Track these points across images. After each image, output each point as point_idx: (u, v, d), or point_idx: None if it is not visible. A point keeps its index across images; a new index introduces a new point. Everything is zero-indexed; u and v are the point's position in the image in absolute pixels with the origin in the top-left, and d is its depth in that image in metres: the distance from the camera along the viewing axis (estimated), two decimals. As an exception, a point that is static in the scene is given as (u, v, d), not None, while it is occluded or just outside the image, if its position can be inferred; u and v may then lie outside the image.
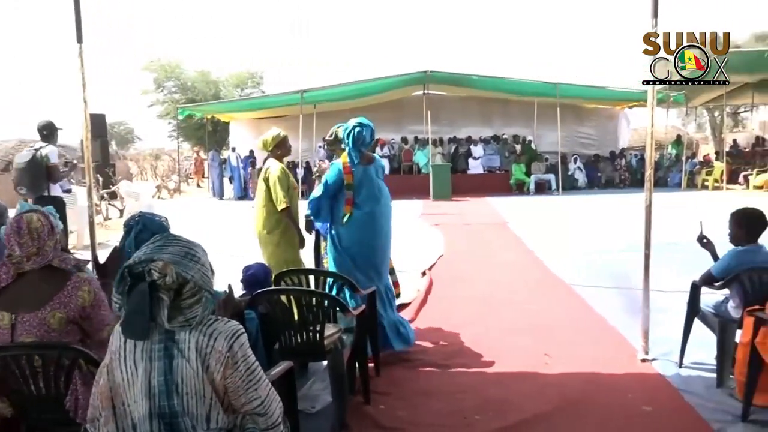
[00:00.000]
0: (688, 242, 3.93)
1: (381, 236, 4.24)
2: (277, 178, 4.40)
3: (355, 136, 4.13)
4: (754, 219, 3.54)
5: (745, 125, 29.13)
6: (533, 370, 3.87)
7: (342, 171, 4.14)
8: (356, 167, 4.15)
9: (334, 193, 4.19)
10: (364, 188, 4.17)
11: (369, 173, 4.22)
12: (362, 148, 4.18)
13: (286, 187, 4.39)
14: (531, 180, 17.96)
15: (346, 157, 4.19)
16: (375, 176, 4.26)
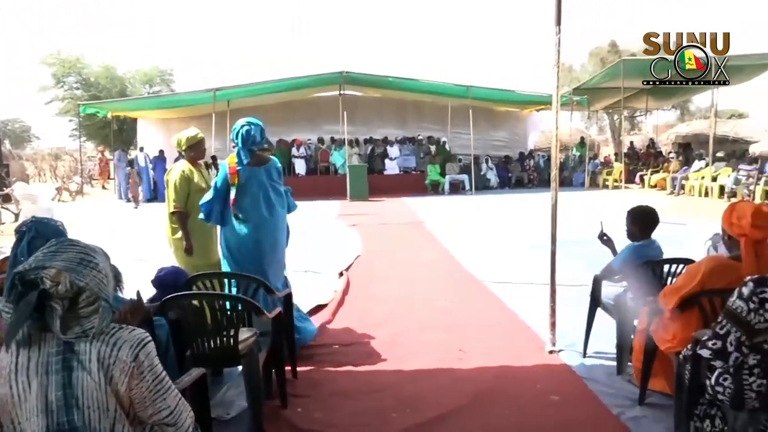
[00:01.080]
0: (592, 238, 4.15)
1: (267, 243, 4.02)
2: (175, 181, 4.26)
3: (243, 136, 3.94)
4: (648, 216, 3.79)
5: (641, 128, 31.18)
6: (448, 366, 3.96)
7: (227, 172, 3.97)
8: (244, 168, 3.98)
9: (225, 195, 4.00)
10: (250, 191, 3.99)
11: (258, 176, 4.02)
12: (252, 148, 4.00)
13: (186, 191, 4.25)
14: (445, 180, 18.39)
15: (233, 157, 4.02)
16: (266, 179, 4.06)
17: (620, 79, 18.64)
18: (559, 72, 4.08)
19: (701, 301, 2.75)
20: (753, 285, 2.16)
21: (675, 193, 16.30)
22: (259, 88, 17.32)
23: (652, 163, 19.66)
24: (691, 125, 24.77)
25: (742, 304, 2.17)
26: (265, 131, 4.12)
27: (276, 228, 4.09)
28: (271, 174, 4.10)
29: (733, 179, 14.44)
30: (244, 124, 3.99)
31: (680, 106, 31.86)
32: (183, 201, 4.25)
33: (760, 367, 2.21)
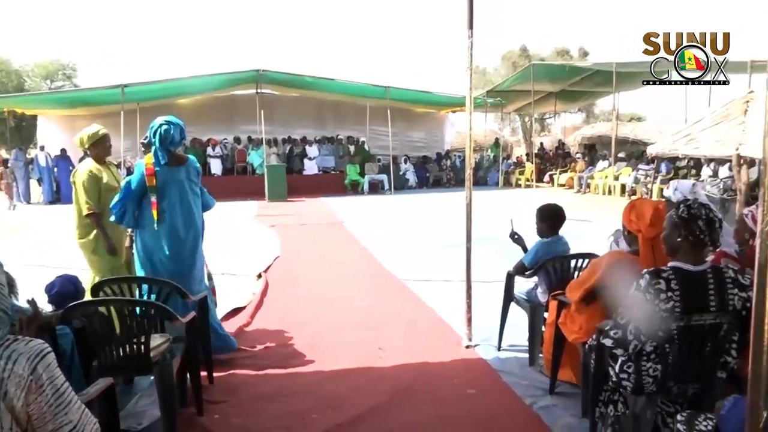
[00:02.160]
0: (506, 235, 4.30)
1: (185, 247, 3.89)
2: (83, 181, 4.04)
3: (162, 135, 3.79)
4: (555, 214, 3.99)
5: (550, 130, 32.67)
6: (368, 365, 3.98)
7: (144, 173, 3.81)
8: (162, 168, 3.83)
9: (140, 196, 3.84)
10: (168, 192, 3.85)
11: (177, 176, 3.88)
12: (171, 148, 3.86)
13: (96, 191, 4.04)
14: (365, 180, 18.48)
15: (150, 157, 3.85)
16: (185, 179, 3.92)
17: (530, 83, 19.46)
18: (473, 75, 4.20)
19: (604, 293, 2.91)
20: (649, 277, 2.31)
21: (581, 192, 17.20)
22: (171, 85, 16.65)
23: (561, 163, 20.65)
24: (596, 127, 26.22)
25: (639, 295, 2.31)
26: (185, 131, 3.99)
27: (195, 230, 3.96)
28: (189, 173, 3.97)
29: (633, 178, 15.42)
30: (163, 123, 3.83)
31: (586, 109, 33.59)
32: (96, 201, 4.03)
33: (656, 353, 2.38)
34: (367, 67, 58.84)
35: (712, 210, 2.39)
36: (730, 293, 2.30)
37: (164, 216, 3.82)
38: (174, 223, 3.84)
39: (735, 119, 9.43)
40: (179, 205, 3.87)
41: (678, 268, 2.32)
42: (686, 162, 14.52)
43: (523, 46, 33.40)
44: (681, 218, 2.35)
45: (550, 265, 3.77)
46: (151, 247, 3.85)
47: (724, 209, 8.94)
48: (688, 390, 2.43)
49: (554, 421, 3.12)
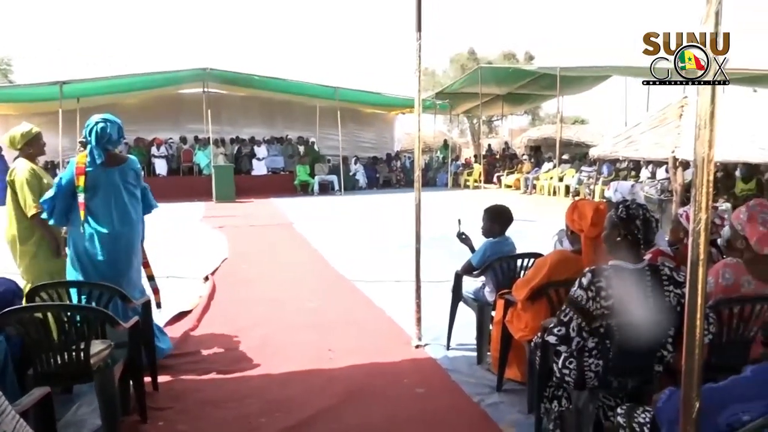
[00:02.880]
0: (454, 236, 4.35)
1: (120, 249, 3.70)
2: (25, 180, 3.85)
3: (98, 133, 3.62)
4: (502, 214, 4.06)
5: (498, 132, 33.31)
6: (318, 366, 3.96)
7: (74, 171, 3.63)
8: (95, 168, 3.65)
9: (70, 195, 3.65)
10: (101, 193, 3.67)
11: (111, 177, 3.70)
12: (108, 147, 3.69)
13: (38, 191, 3.86)
14: (315, 181, 18.38)
15: (83, 156, 3.67)
16: (120, 180, 3.74)
17: (478, 85, 19.80)
18: (423, 77, 4.25)
19: (548, 291, 3.00)
20: (590, 275, 2.39)
21: (527, 193, 17.60)
22: (113, 83, 16.09)
23: (508, 165, 21.08)
24: (541, 130, 26.85)
25: (582, 293, 2.39)
26: (123, 129, 3.84)
27: (130, 233, 3.77)
28: (126, 175, 3.78)
29: (577, 179, 15.89)
30: (99, 121, 3.67)
31: (531, 112, 34.44)
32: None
33: (597, 349, 2.45)
34: (316, 67, 58.45)
35: (648, 210, 2.49)
36: (666, 290, 2.39)
37: (94, 217, 3.64)
38: (107, 225, 3.66)
39: (671, 123, 9.83)
40: (114, 206, 3.69)
41: (618, 267, 2.41)
42: (626, 164, 15.05)
43: (471, 49, 33.98)
44: (620, 218, 2.44)
45: (497, 264, 3.84)
46: (82, 249, 3.65)
47: (662, 209, 9.33)
48: (628, 384, 2.52)
49: (501, 418, 3.18)
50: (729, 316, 2.60)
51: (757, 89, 16.28)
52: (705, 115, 1.57)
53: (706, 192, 1.59)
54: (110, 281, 3.49)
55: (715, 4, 1.51)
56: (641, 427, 2.08)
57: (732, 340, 2.66)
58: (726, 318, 2.60)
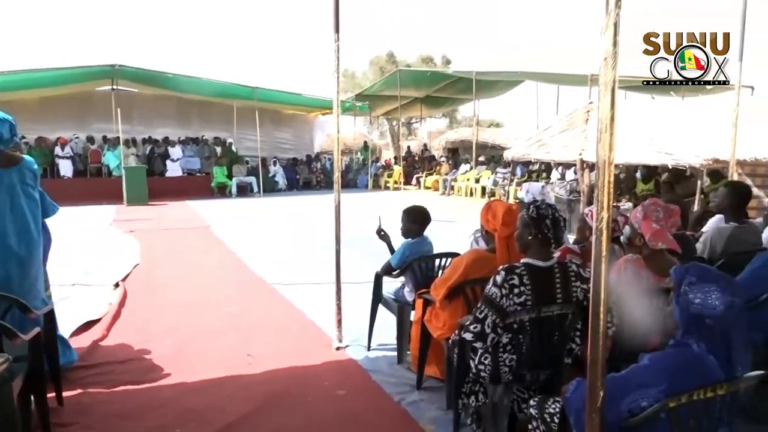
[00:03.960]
0: (375, 237, 4.38)
1: (17, 257, 3.41)
2: None
3: None
4: (420, 215, 4.13)
5: (417, 134, 33.83)
6: (237, 373, 3.87)
7: None
8: None
9: None
10: None
11: (6, 179, 3.42)
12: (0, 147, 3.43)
13: None
14: (233, 182, 17.94)
15: None
16: (18, 182, 3.46)
17: (397, 88, 20.06)
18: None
19: (465, 290, 3.08)
20: (504, 273, 2.47)
21: (446, 194, 18.00)
22: (11, 78, 15.03)
23: (427, 166, 21.47)
24: (459, 132, 27.51)
25: (496, 290, 2.46)
26: (16, 127, 3.56)
27: (28, 239, 3.48)
28: (24, 176, 3.50)
29: (492, 181, 16.42)
30: None
31: (449, 115, 35.25)
32: None
33: (511, 344, 2.55)
34: (235, 66, 57.04)
35: (557, 210, 2.61)
36: (573, 285, 2.52)
37: None
38: (3, 231, 3.41)
39: (578, 127, 10.37)
40: (9, 211, 3.40)
41: (529, 264, 2.51)
42: (538, 166, 15.71)
43: (390, 52, 34.33)
44: (531, 218, 2.54)
45: (416, 264, 3.90)
46: None
47: (570, 209, 9.79)
48: (540, 376, 2.63)
49: (421, 416, 3.23)
50: (630, 308, 2.76)
51: (654, 96, 17.45)
52: (606, 120, 1.66)
53: (607, 192, 1.68)
54: (5, 291, 3.24)
55: (613, 16, 1.60)
56: (552, 417, 2.18)
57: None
58: (627, 310, 2.76)
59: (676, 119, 10.17)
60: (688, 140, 8.83)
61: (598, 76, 1.70)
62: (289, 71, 55.08)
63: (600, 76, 1.67)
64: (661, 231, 2.76)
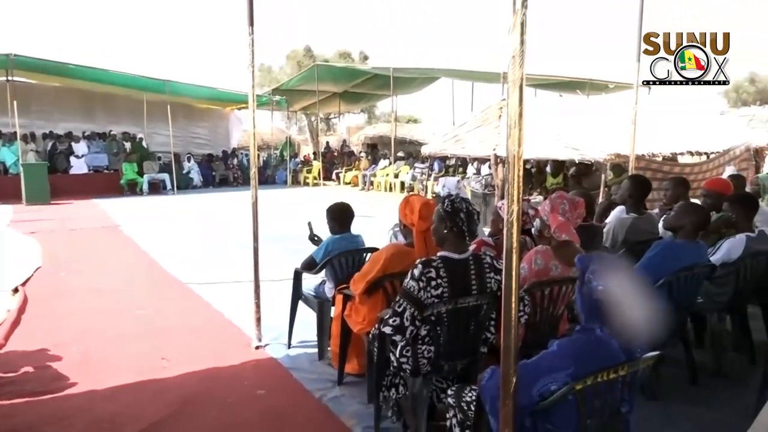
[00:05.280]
0: (295, 233, 4.32)
1: None
2: None
3: None
4: (340, 212, 4.11)
5: (336, 129, 33.71)
6: (150, 377, 3.72)
7: None
8: None
9: None
10: None
11: None
12: None
13: None
14: (144, 180, 17.17)
15: None
16: None
17: (315, 83, 19.89)
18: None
19: (384, 284, 3.10)
20: (421, 267, 2.51)
21: (365, 189, 18.07)
22: None
23: (346, 162, 21.45)
24: (377, 128, 27.69)
25: (413, 283, 2.50)
26: None
27: None
28: None
29: (411, 176, 16.65)
30: None
31: (368, 111, 35.35)
32: None
33: (429, 336, 2.60)
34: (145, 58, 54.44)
35: (471, 204, 2.68)
36: (488, 277, 2.60)
37: None
38: None
39: (492, 123, 10.70)
40: None
41: (445, 257, 2.56)
42: (455, 161, 16.08)
43: (308, 47, 33.96)
44: (446, 212, 2.60)
45: (335, 260, 3.89)
46: None
47: (485, 203, 10.10)
48: (457, 366, 2.70)
49: (342, 411, 3.24)
50: (541, 297, 2.90)
51: (562, 94, 18.32)
52: (515, 116, 1.72)
53: (517, 186, 1.74)
54: None
55: (520, 16, 1.66)
56: (468, 405, 2.24)
57: (544, 318, 2.97)
58: (539, 299, 2.89)
59: (581, 116, 10.69)
60: (593, 136, 9.32)
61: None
62: (204, 64, 53.43)
63: (509, 73, 1.72)
64: (564, 223, 2.90)
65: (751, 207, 4.05)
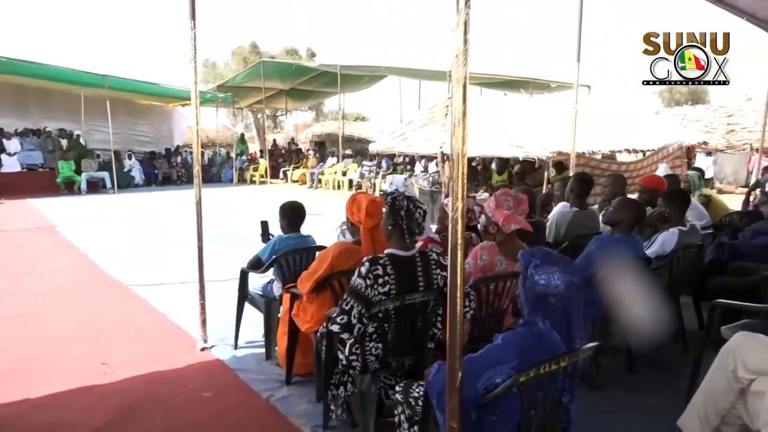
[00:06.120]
0: (242, 231, 4.25)
1: None
2: None
3: None
4: (290, 210, 4.06)
5: (283, 127, 33.35)
6: (90, 383, 3.59)
7: None
8: None
9: None
10: None
11: None
12: None
13: None
14: (82, 178, 16.52)
15: None
16: None
17: (261, 79, 19.62)
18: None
19: (332, 282, 3.09)
20: (369, 264, 2.52)
21: (314, 187, 17.95)
22: None
23: (294, 160, 21.24)
24: (325, 125, 27.55)
25: (361, 281, 2.51)
26: None
27: None
28: None
29: (359, 174, 16.65)
30: None
31: (315, 108, 35.13)
32: None
33: (377, 333, 2.60)
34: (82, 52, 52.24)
35: (415, 202, 2.70)
36: (434, 273, 2.63)
37: None
38: None
39: (438, 121, 10.82)
40: None
41: (392, 255, 2.58)
42: (403, 158, 16.17)
43: (254, 43, 33.41)
44: (389, 209, 2.62)
45: (283, 259, 3.84)
46: None
47: (433, 200, 10.20)
48: (405, 363, 2.72)
49: (291, 410, 3.21)
50: (486, 292, 2.95)
51: (507, 93, 18.68)
52: (458, 114, 1.74)
53: (461, 183, 1.76)
54: None
55: (463, 15, 1.68)
56: (416, 401, 2.26)
57: (490, 313, 3.03)
58: (484, 294, 2.94)
59: (525, 115, 10.95)
60: (536, 134, 9.56)
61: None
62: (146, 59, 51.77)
63: (452, 72, 1.74)
64: (512, 215, 2.97)
65: (684, 202, 4.24)
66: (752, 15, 6.09)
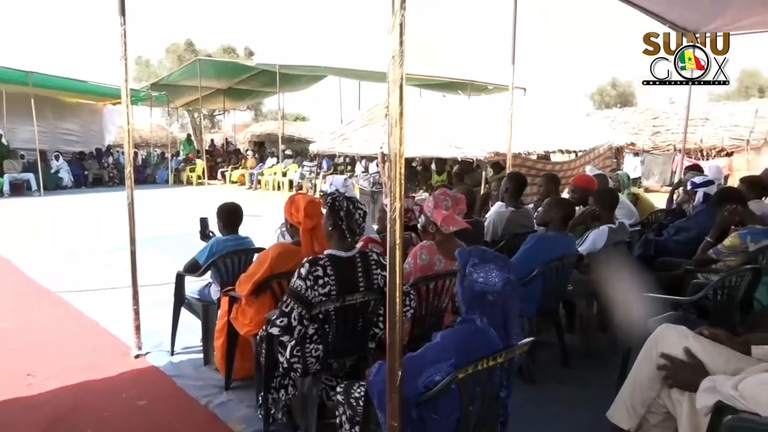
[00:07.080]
0: (177, 234, 4.13)
1: None
2: None
3: None
4: (226, 212, 3.97)
5: (221, 127, 32.60)
6: (14, 396, 3.41)
7: None
8: None
9: None
10: None
11: None
12: None
13: None
14: (5, 180, 15.63)
15: None
16: None
17: (198, 78, 19.14)
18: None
19: (272, 284, 3.05)
20: (308, 265, 2.50)
21: (253, 188, 17.66)
22: None
23: (232, 160, 20.83)
24: (264, 125, 27.15)
25: (300, 282, 2.48)
26: None
27: None
28: None
29: (299, 174, 16.49)
30: None
31: (254, 108, 34.56)
32: None
33: (318, 334, 2.59)
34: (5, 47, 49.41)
35: (354, 202, 2.70)
36: (374, 273, 2.64)
37: None
38: None
39: (378, 122, 10.87)
40: None
41: (332, 255, 2.57)
42: (343, 159, 16.14)
43: (189, 40, 32.55)
44: (329, 210, 2.61)
45: (221, 261, 3.76)
46: None
47: (374, 200, 10.23)
48: (347, 363, 2.71)
49: (230, 416, 3.15)
50: (426, 291, 2.98)
51: (445, 95, 18.96)
52: (396, 115, 1.75)
53: (399, 183, 1.77)
54: None
55: (398, 17, 1.69)
56: (357, 401, 2.26)
57: (430, 311, 3.06)
58: (424, 293, 2.98)
59: (463, 116, 11.14)
60: (474, 135, 9.75)
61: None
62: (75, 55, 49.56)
63: (389, 73, 1.75)
64: (450, 216, 3.01)
65: (613, 201, 4.42)
66: (661, 16, 6.34)
